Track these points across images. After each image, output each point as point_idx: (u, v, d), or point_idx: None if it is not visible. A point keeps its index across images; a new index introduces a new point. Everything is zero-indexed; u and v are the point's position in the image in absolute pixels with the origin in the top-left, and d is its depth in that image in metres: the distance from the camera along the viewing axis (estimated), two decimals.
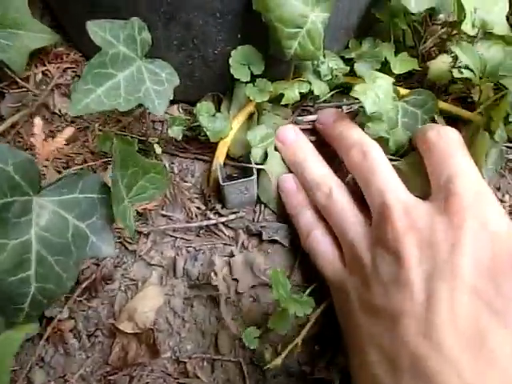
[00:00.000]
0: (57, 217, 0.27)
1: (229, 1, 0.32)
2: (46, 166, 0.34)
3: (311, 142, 0.39)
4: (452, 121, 0.40)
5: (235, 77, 0.35)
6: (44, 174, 0.35)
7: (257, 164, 0.37)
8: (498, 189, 0.41)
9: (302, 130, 0.40)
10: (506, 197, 0.41)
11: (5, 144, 0.29)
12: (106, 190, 0.29)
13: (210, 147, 0.40)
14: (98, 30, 0.29)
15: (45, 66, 0.45)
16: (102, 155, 0.41)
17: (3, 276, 0.24)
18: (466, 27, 0.36)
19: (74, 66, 0.46)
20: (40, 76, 0.45)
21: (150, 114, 0.40)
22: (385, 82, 0.37)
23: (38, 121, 0.28)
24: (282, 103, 0.37)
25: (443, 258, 0.26)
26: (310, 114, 0.42)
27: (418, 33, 0.45)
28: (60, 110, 0.43)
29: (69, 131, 0.30)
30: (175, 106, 0.43)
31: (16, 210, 0.25)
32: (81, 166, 0.40)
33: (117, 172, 0.28)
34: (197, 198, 0.40)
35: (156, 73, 0.31)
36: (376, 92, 0.36)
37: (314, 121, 0.41)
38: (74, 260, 0.27)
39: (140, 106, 0.31)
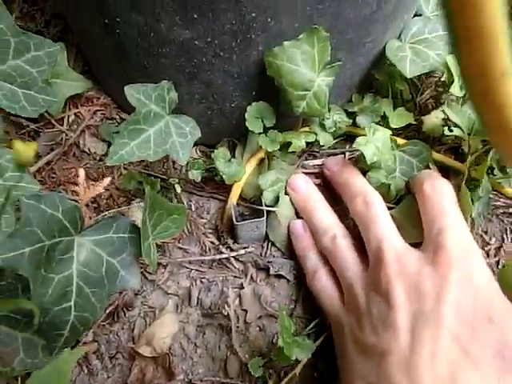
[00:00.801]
0: (93, 254, 0.31)
1: (245, 66, 0.37)
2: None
3: (317, 184, 0.44)
4: (444, 170, 0.44)
5: (250, 129, 0.40)
6: None
7: (267, 206, 0.41)
8: (486, 232, 0.45)
9: (309, 173, 0.45)
10: (493, 239, 0.44)
11: (57, 193, 0.33)
12: (135, 230, 0.33)
13: (225, 188, 0.44)
14: (133, 92, 0.33)
15: (77, 108, 0.50)
16: (127, 191, 0.45)
17: (49, 306, 0.28)
18: (455, 90, 0.40)
19: (103, 108, 0.51)
20: (72, 117, 0.50)
21: None
22: (383, 134, 0.41)
23: (82, 173, 0.33)
24: (289, 151, 0.42)
25: (429, 305, 0.30)
26: (316, 158, 0.46)
27: (415, 86, 0.49)
28: (89, 149, 0.48)
29: (107, 181, 0.34)
30: (194, 148, 0.48)
31: (61, 249, 0.29)
32: (107, 201, 0.44)
33: (146, 215, 0.32)
34: (211, 233, 0.44)
35: (181, 127, 0.36)
36: (375, 144, 0.40)
37: (319, 165, 0.46)
38: (107, 292, 0.31)
39: None
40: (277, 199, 0.41)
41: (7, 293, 0.31)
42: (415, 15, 0.46)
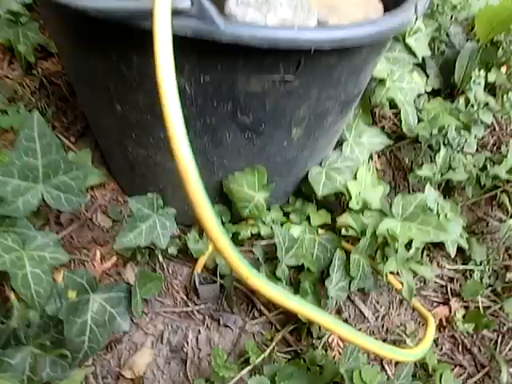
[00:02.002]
0: (101, 306, 0.49)
1: (212, 184, 0.56)
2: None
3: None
4: (347, 252, 0.63)
5: None
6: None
7: (220, 275, 0.59)
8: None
9: (251, 251, 0.63)
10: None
11: (83, 269, 0.51)
12: (129, 290, 0.51)
13: (194, 259, 0.62)
14: (134, 203, 0.52)
15: (93, 191, 0.69)
16: (125, 256, 0.63)
17: (73, 338, 0.45)
18: (353, 204, 0.59)
19: (112, 192, 0.69)
20: (88, 197, 0.68)
21: None
22: (308, 228, 0.60)
23: (98, 254, 0.51)
24: (239, 238, 0.60)
25: None
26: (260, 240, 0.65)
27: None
28: (100, 223, 0.67)
29: (114, 259, 0.52)
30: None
31: (82, 302, 0.47)
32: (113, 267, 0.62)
33: (136, 283, 0.50)
34: (181, 291, 0.62)
35: (164, 223, 0.55)
36: (297, 235, 0.59)
37: (265, 245, 0.64)
38: (108, 332, 0.49)
39: None
40: (229, 270, 0.60)
41: (44, 327, 0.48)
42: (340, 141, 0.67)
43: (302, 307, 0.39)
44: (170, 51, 0.33)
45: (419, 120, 0.71)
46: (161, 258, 0.61)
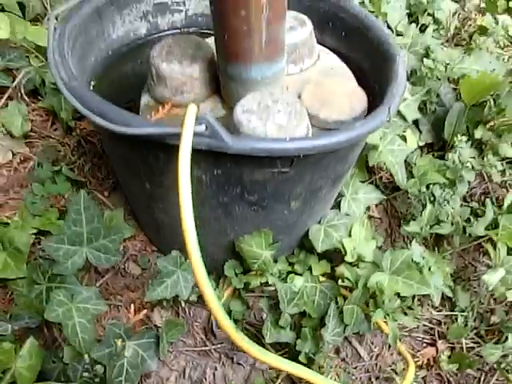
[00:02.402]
0: (135, 351, 0.59)
1: (225, 244, 0.66)
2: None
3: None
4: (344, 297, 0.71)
5: (226, 274, 0.69)
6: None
7: (235, 319, 0.69)
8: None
9: (260, 296, 0.72)
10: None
11: (121, 323, 0.62)
12: (157, 336, 0.61)
13: None
14: (162, 262, 0.63)
15: (125, 242, 0.80)
16: (153, 303, 0.74)
17: (114, 378, 0.56)
18: (348, 258, 0.68)
19: (142, 243, 0.80)
20: (121, 248, 0.80)
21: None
22: (310, 277, 0.69)
23: (132, 307, 0.62)
24: (249, 287, 0.70)
25: None
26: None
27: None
28: (131, 271, 0.77)
29: (144, 312, 0.63)
30: None
31: (119, 348, 0.58)
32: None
33: (163, 331, 0.61)
34: (201, 332, 0.72)
35: (186, 277, 0.65)
36: (300, 285, 0.68)
37: (273, 290, 0.73)
38: (140, 371, 0.59)
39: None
40: (241, 316, 0.69)
41: (89, 367, 0.59)
42: (338, 197, 0.76)
43: (279, 363, 0.48)
44: (188, 163, 0.43)
45: (412, 176, 0.79)
46: (183, 304, 0.71)
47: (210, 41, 0.62)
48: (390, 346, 0.71)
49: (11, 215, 0.84)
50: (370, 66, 0.68)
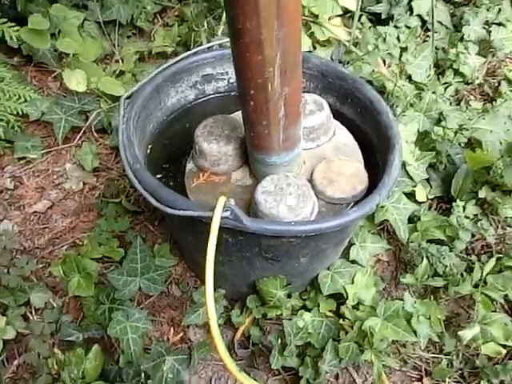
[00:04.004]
0: (172, 365, 0.77)
1: (248, 282, 0.82)
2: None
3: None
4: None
5: (248, 306, 0.84)
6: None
7: (253, 342, 0.84)
8: None
9: (277, 324, 0.88)
10: None
11: (164, 342, 0.81)
12: (191, 354, 0.78)
13: (236, 328, 0.88)
14: (196, 294, 0.79)
15: (168, 267, 0.98)
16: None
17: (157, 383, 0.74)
18: (349, 302, 0.81)
19: (182, 269, 0.98)
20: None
21: None
22: (318, 313, 0.84)
23: (172, 330, 0.79)
24: (268, 317, 0.85)
25: None
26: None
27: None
28: (173, 292, 0.95)
29: (181, 334, 0.80)
30: (224, 300, 0.92)
31: (161, 361, 0.75)
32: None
33: (195, 351, 0.78)
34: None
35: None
36: (307, 320, 0.83)
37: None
38: (175, 381, 0.76)
39: None
40: (258, 340, 0.85)
41: (138, 373, 0.77)
42: (349, 243, 0.89)
43: None
44: (215, 239, 0.58)
45: (416, 229, 0.90)
46: None
47: None
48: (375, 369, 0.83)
49: (81, 237, 1.05)
50: (378, 142, 0.80)
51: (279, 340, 0.80)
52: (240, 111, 0.68)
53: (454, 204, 0.88)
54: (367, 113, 0.82)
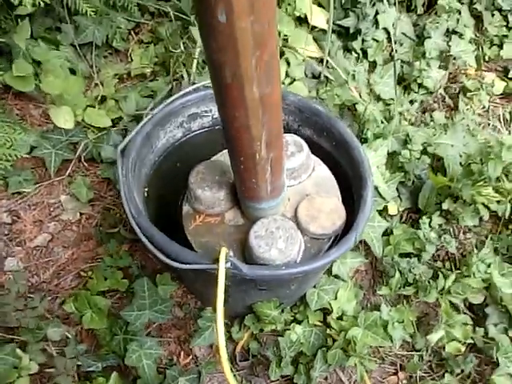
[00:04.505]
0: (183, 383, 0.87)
1: (245, 303, 0.93)
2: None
3: None
4: None
5: (246, 324, 0.95)
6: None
7: (252, 354, 0.96)
8: None
9: (272, 335, 0.99)
10: None
11: (177, 367, 0.91)
12: (199, 372, 0.89)
13: (236, 342, 0.99)
14: (202, 320, 0.90)
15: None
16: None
17: None
18: (334, 314, 0.93)
19: (183, 293, 1.07)
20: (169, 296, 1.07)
21: None
22: (307, 324, 0.95)
23: (182, 354, 0.89)
24: (264, 332, 0.96)
25: None
26: None
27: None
28: (176, 314, 1.05)
29: (190, 357, 0.91)
30: None
31: (175, 382, 0.86)
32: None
33: (203, 369, 0.89)
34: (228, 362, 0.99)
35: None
36: (299, 332, 0.94)
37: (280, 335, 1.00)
38: None
39: None
40: (257, 352, 0.96)
41: None
42: None
43: None
44: (223, 285, 0.68)
45: (389, 243, 1.02)
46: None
47: None
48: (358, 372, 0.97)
49: (84, 268, 1.12)
50: (353, 175, 0.89)
51: (275, 353, 0.92)
52: (224, 150, 0.76)
53: (420, 221, 1.00)
54: (341, 147, 0.91)
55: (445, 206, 1.04)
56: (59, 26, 1.38)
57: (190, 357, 0.97)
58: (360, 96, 1.08)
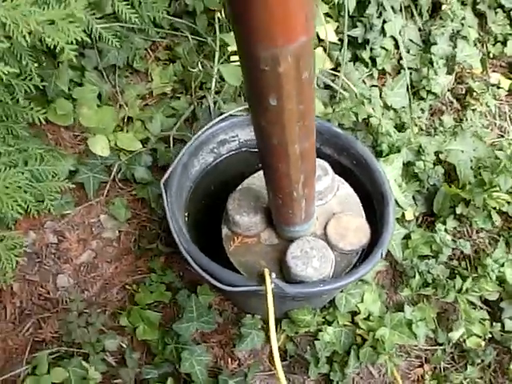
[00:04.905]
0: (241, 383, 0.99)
1: (283, 313, 1.03)
2: None
3: None
4: None
5: (283, 328, 1.06)
6: None
7: (290, 355, 1.07)
8: None
9: (303, 336, 1.10)
10: None
11: (226, 371, 1.03)
12: (245, 373, 1.01)
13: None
14: (244, 328, 1.00)
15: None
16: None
17: None
18: (361, 315, 1.03)
19: (220, 300, 1.18)
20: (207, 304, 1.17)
21: None
22: (337, 325, 1.06)
23: (229, 360, 1.00)
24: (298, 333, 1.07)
25: None
26: None
27: None
28: (217, 320, 1.16)
29: (237, 362, 1.02)
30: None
31: None
32: None
33: (249, 372, 1.00)
34: (267, 361, 1.11)
35: (257, 333, 1.03)
36: (331, 333, 1.05)
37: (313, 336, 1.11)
38: None
39: None
40: (294, 352, 1.07)
41: None
42: None
43: None
44: (272, 306, 0.78)
45: (407, 246, 1.11)
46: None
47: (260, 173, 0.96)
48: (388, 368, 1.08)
49: (129, 282, 1.23)
50: (374, 191, 0.98)
51: (312, 354, 1.02)
52: (254, 174, 0.87)
53: (436, 226, 1.09)
54: (361, 165, 1.00)
55: (458, 211, 1.13)
56: (82, 51, 1.46)
57: (235, 360, 1.08)
58: (373, 109, 1.15)
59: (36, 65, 0.93)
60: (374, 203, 0.98)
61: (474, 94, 1.37)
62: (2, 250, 0.98)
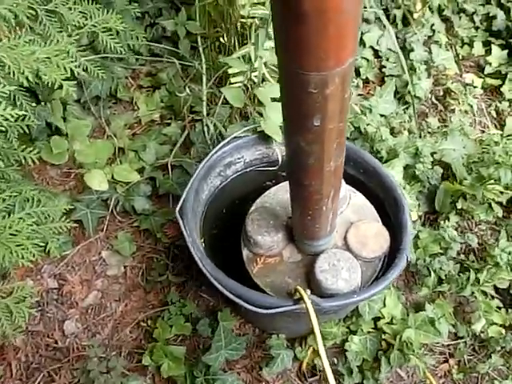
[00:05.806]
0: None
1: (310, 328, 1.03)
2: None
3: None
4: None
5: (309, 344, 1.05)
6: None
7: (319, 370, 1.06)
8: None
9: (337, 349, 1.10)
10: None
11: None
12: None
13: (301, 361, 1.09)
14: (273, 349, 0.99)
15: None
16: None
17: None
18: (385, 320, 1.05)
19: (240, 323, 1.16)
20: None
21: None
22: (362, 332, 1.07)
23: (246, 376, 0.99)
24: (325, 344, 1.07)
25: None
26: None
27: None
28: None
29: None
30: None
31: None
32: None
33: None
34: (297, 378, 1.10)
35: (286, 353, 1.01)
36: (356, 341, 1.06)
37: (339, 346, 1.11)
38: None
39: None
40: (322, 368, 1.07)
41: None
42: None
43: None
44: (317, 325, 0.78)
45: (417, 246, 1.14)
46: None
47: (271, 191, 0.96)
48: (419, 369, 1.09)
49: (143, 318, 1.19)
50: (384, 196, 1.00)
51: (343, 365, 1.02)
52: (266, 192, 0.90)
53: (441, 223, 1.13)
54: (370, 173, 1.02)
55: (459, 206, 1.17)
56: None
57: (263, 383, 1.06)
58: (371, 119, 1.19)
59: (33, 104, 0.90)
60: (386, 209, 1.00)
61: (453, 94, 1.44)
62: (11, 303, 0.92)
